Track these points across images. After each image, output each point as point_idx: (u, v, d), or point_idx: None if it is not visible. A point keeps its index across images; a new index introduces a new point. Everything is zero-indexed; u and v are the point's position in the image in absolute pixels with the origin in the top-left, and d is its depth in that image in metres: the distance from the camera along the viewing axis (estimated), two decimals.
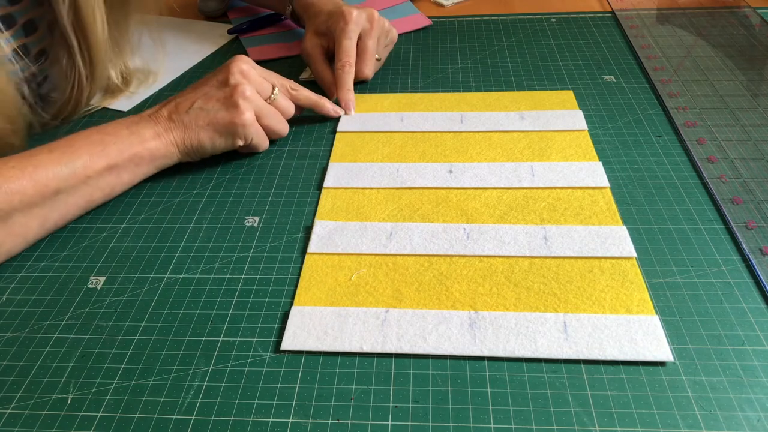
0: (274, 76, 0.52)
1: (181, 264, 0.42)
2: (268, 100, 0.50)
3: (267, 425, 0.32)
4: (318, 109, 0.55)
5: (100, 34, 0.53)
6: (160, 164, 0.48)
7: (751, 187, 0.45)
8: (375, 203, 0.46)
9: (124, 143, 0.45)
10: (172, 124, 0.47)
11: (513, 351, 0.34)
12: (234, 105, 0.47)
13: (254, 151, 0.51)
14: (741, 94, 0.56)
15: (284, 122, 0.52)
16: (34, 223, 0.42)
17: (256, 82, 0.49)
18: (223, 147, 0.49)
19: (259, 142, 0.50)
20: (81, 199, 0.44)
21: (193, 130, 0.47)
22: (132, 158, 0.45)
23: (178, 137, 0.47)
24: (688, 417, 0.31)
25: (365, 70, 0.58)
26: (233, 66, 0.48)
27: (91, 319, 0.39)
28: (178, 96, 0.49)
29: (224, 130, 0.47)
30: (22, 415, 0.33)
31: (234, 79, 0.48)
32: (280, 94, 0.51)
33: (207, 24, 0.78)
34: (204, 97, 0.47)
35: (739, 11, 0.71)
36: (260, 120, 0.49)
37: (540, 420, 0.31)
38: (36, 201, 0.41)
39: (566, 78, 0.60)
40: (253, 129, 0.48)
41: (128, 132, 0.46)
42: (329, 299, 0.38)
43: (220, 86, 0.48)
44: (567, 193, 0.45)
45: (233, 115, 0.47)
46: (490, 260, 0.40)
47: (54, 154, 0.42)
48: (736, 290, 0.37)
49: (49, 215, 0.43)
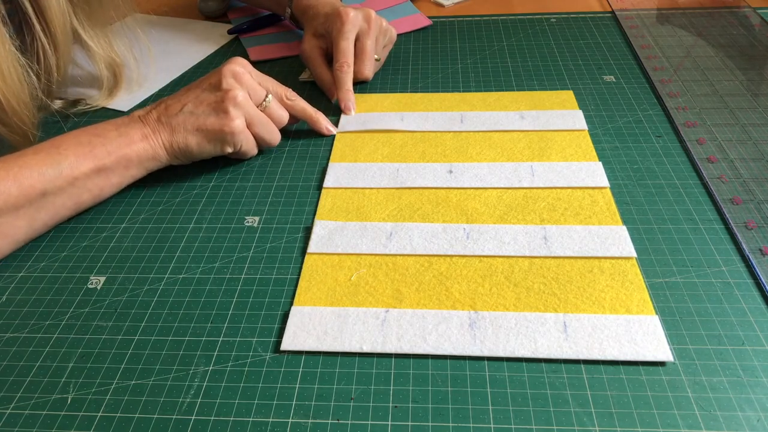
0: (270, 82, 0.51)
1: (181, 264, 0.42)
2: (260, 106, 0.49)
3: (267, 425, 0.32)
4: (312, 123, 0.53)
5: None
6: (149, 166, 0.47)
7: (751, 187, 0.45)
8: (375, 203, 0.46)
9: (112, 144, 0.44)
10: (160, 126, 0.46)
11: (513, 351, 0.34)
12: (224, 111, 0.46)
13: (243, 158, 0.51)
14: (741, 94, 0.56)
15: (275, 132, 0.50)
16: (22, 223, 0.42)
17: (249, 86, 0.48)
18: (211, 152, 0.48)
19: (248, 150, 0.49)
20: (69, 200, 0.44)
21: (181, 134, 0.46)
22: (120, 160, 0.45)
23: (165, 140, 0.46)
24: (688, 417, 0.31)
25: (364, 70, 0.58)
26: (226, 69, 0.47)
27: (91, 319, 0.39)
28: (170, 98, 0.48)
29: (212, 137, 0.46)
30: (22, 415, 0.33)
31: (226, 83, 0.47)
32: (274, 101, 0.50)
33: (207, 24, 0.78)
34: (195, 101, 0.47)
35: (739, 11, 0.71)
36: (250, 128, 0.48)
37: (540, 420, 0.31)
38: (21, 203, 0.41)
39: (566, 78, 0.60)
40: (243, 137, 0.47)
41: (117, 133, 0.45)
42: (329, 299, 0.38)
43: (211, 90, 0.47)
44: (567, 193, 0.45)
45: (222, 122, 0.46)
46: (490, 260, 0.40)
47: (40, 155, 0.42)
48: (736, 290, 0.37)
49: (37, 216, 0.43)
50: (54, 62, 0.53)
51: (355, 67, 0.58)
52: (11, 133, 0.49)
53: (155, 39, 0.74)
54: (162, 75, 0.66)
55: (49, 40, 0.52)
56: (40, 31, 0.51)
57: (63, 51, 0.54)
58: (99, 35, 0.57)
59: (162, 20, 0.80)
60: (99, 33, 0.57)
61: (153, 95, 0.62)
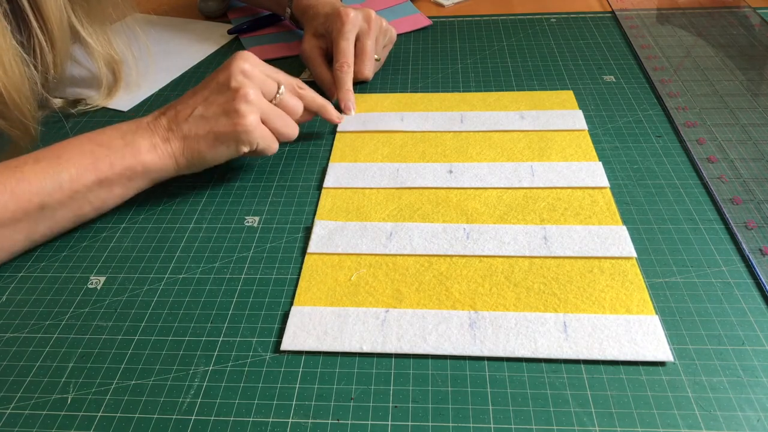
0: (280, 74, 0.49)
1: (181, 264, 0.42)
2: (274, 100, 0.47)
3: (267, 425, 0.32)
4: (322, 113, 0.52)
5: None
6: (155, 178, 0.45)
7: (751, 187, 0.45)
8: (375, 203, 0.46)
9: (116, 155, 0.43)
10: (171, 134, 0.45)
11: (513, 351, 0.34)
12: (235, 110, 0.44)
13: (263, 155, 0.48)
14: (741, 94, 0.56)
15: (292, 124, 0.48)
16: (20, 236, 0.41)
17: (259, 80, 0.46)
18: (226, 156, 0.46)
19: (267, 146, 0.46)
20: (69, 212, 0.43)
21: (193, 140, 0.44)
22: (124, 172, 0.43)
23: (176, 148, 0.45)
24: (688, 417, 0.31)
25: (364, 70, 0.58)
26: (234, 66, 0.45)
27: (91, 319, 0.39)
28: (179, 102, 0.46)
29: (226, 138, 0.44)
30: (22, 415, 0.33)
31: (236, 82, 0.45)
32: (287, 92, 0.48)
33: (207, 24, 0.78)
34: (205, 103, 0.45)
35: (739, 11, 0.71)
36: (266, 123, 0.46)
37: (540, 420, 0.31)
38: (19, 217, 0.40)
39: (566, 78, 0.60)
40: (258, 133, 0.45)
41: (123, 143, 0.43)
42: (329, 299, 0.38)
43: (221, 90, 0.45)
44: (567, 193, 0.45)
45: (235, 122, 0.44)
46: (490, 260, 0.40)
47: (40, 164, 0.41)
48: (736, 290, 0.37)
49: (36, 229, 0.42)
50: (51, 59, 0.53)
51: (355, 67, 0.58)
52: (12, 127, 0.49)
53: (155, 39, 0.74)
54: (162, 75, 0.66)
55: (46, 37, 0.51)
56: (37, 27, 0.50)
57: (60, 48, 0.53)
58: (98, 33, 0.57)
59: (162, 20, 0.80)
60: (98, 30, 0.57)
61: (153, 95, 0.62)
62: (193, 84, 0.64)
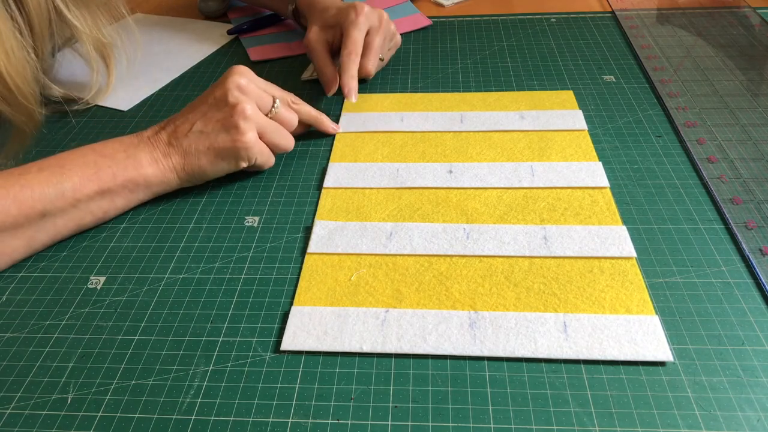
0: (274, 88, 0.49)
1: (181, 264, 0.42)
2: (270, 114, 0.48)
3: (267, 425, 0.32)
4: (318, 125, 0.53)
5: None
6: (156, 191, 0.46)
7: (751, 187, 0.45)
8: (375, 203, 0.46)
9: (119, 167, 0.43)
10: (171, 149, 0.45)
11: (513, 351, 0.34)
12: (234, 126, 0.45)
13: (260, 169, 0.49)
14: (741, 94, 0.56)
15: (288, 136, 0.49)
16: (20, 243, 0.41)
17: (255, 96, 0.46)
18: (225, 170, 0.47)
19: (264, 161, 0.48)
20: (70, 221, 0.43)
21: (193, 155, 0.45)
22: (126, 184, 0.44)
23: (177, 163, 0.45)
24: (688, 417, 0.31)
25: (368, 65, 0.58)
26: (230, 82, 0.46)
27: (91, 319, 0.39)
28: (177, 117, 0.47)
29: (226, 154, 0.45)
30: (22, 415, 0.33)
31: (233, 97, 0.45)
32: (282, 105, 0.49)
33: (207, 24, 0.78)
34: (203, 119, 0.45)
35: (739, 11, 0.71)
36: (263, 137, 0.47)
37: (540, 420, 0.31)
38: (21, 222, 0.40)
39: (566, 78, 0.60)
40: (257, 149, 0.46)
41: (125, 155, 0.44)
42: (329, 299, 0.38)
43: (218, 105, 0.45)
44: (567, 193, 0.45)
45: (234, 138, 0.45)
46: (490, 260, 0.40)
47: (44, 173, 0.41)
48: (736, 290, 0.37)
49: (36, 236, 0.42)
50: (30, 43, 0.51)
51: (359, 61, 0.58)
52: (16, 113, 0.48)
53: (155, 39, 0.74)
54: (162, 75, 0.66)
55: (24, 19, 0.50)
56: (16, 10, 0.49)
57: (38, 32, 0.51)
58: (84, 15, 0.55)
59: (162, 20, 0.80)
60: (84, 12, 0.55)
61: (153, 95, 0.62)
62: (193, 84, 0.64)
